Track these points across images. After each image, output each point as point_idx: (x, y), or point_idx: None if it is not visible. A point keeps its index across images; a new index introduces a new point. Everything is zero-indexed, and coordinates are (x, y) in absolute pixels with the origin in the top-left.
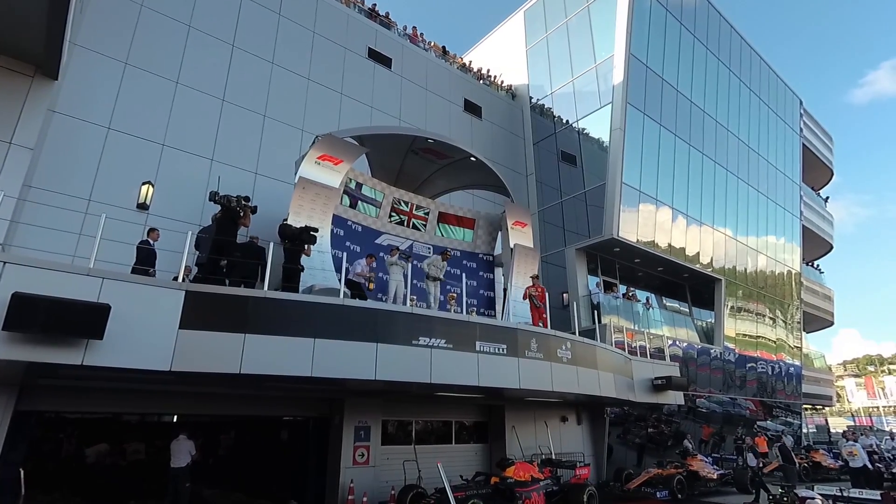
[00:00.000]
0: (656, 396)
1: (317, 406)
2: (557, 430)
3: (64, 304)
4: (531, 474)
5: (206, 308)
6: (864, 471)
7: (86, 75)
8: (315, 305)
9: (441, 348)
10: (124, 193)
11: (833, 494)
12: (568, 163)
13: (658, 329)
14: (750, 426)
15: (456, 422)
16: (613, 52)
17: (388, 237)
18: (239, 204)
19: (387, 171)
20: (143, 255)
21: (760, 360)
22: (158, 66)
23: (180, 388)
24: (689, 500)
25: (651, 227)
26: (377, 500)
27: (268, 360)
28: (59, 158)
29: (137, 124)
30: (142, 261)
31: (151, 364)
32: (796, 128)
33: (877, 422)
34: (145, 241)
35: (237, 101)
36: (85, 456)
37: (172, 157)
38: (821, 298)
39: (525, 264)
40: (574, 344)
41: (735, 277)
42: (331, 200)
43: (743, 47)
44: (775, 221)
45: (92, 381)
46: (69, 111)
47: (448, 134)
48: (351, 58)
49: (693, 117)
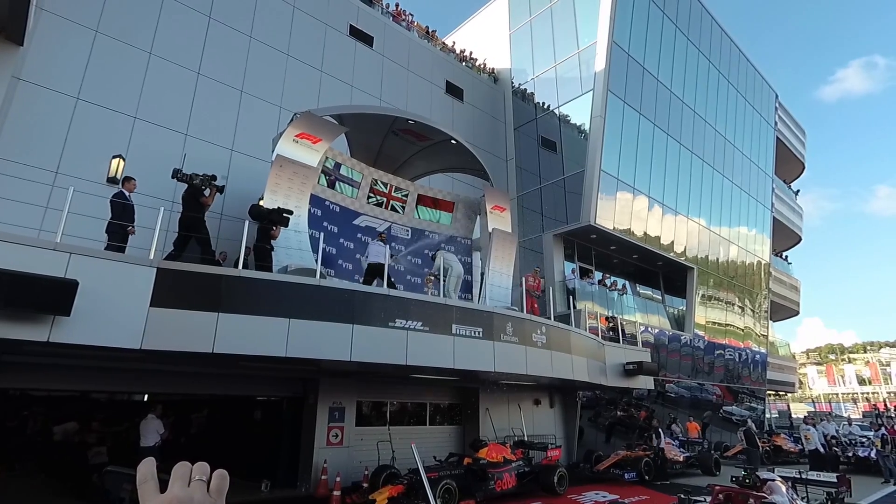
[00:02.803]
0: (628, 381)
1: (291, 386)
2: (530, 412)
3: (29, 279)
4: (504, 455)
5: (179, 286)
6: (817, 453)
7: (53, 42)
8: (290, 285)
9: (417, 331)
10: (94, 166)
11: (792, 476)
12: (548, 149)
13: (631, 315)
14: (716, 410)
15: (430, 404)
16: (596, 39)
17: (367, 218)
18: (203, 182)
19: (366, 152)
20: (118, 210)
21: (728, 348)
22: (131, 36)
23: (151, 366)
24: (656, 481)
25: (628, 215)
26: (350, 480)
27: (242, 340)
28: (25, 128)
29: (108, 95)
30: (118, 215)
31: (121, 342)
32: (771, 121)
33: (835, 408)
34: (120, 192)
35: (213, 75)
36: (51, 433)
37: (145, 130)
38: (788, 288)
39: (503, 249)
40: (549, 329)
41: (707, 266)
42: (308, 179)
43: (723, 39)
44: (748, 212)
45: (59, 358)
46: (35, 79)
47: (429, 115)
48: (332, 34)
49: (672, 107)
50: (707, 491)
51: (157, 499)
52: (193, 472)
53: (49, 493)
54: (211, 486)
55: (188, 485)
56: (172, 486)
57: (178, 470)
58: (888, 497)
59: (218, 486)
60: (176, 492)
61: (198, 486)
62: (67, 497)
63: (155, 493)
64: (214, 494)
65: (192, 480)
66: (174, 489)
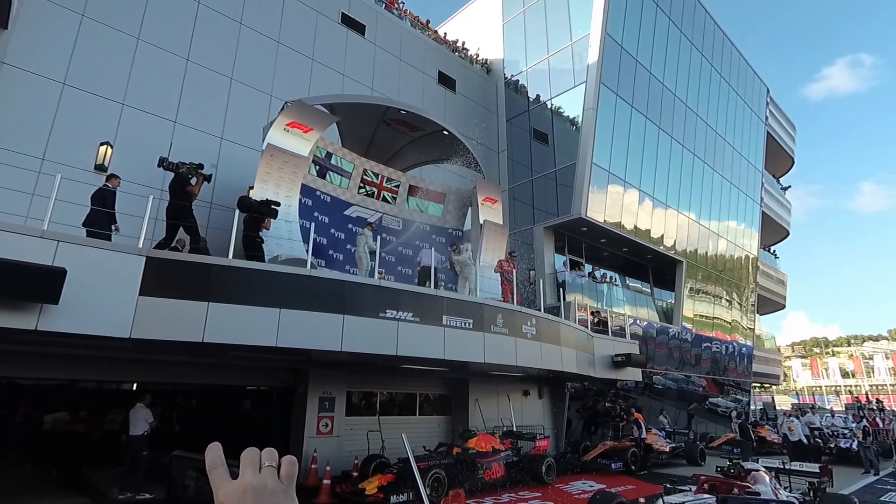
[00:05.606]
0: (616, 372)
1: (281, 376)
2: (519, 403)
3: (16, 267)
4: (492, 445)
5: (168, 275)
6: (800, 444)
7: (39, 26)
8: (281, 275)
9: (408, 321)
10: (81, 154)
11: (776, 467)
12: (540, 141)
13: (620, 308)
14: (702, 402)
15: (420, 394)
16: (590, 31)
17: (358, 209)
18: (190, 170)
19: (357, 142)
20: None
21: (715, 340)
22: (118, 21)
23: (140, 355)
24: (641, 471)
25: (618, 208)
26: (340, 469)
27: (232, 329)
28: (9, 113)
29: (95, 81)
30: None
31: (110, 331)
32: (762, 115)
33: (819, 400)
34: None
35: (202, 62)
36: (39, 422)
37: (133, 117)
38: (775, 283)
39: (494, 241)
40: (539, 320)
41: (696, 260)
42: (299, 169)
43: (716, 32)
44: (737, 207)
45: (47, 346)
46: (20, 63)
47: (421, 106)
48: (323, 22)
49: (664, 100)
50: (692, 480)
51: (230, 485)
52: (263, 458)
53: (36, 483)
54: (282, 473)
55: (259, 471)
56: (244, 473)
57: (248, 456)
58: (868, 487)
59: (288, 473)
60: (249, 479)
61: (269, 472)
62: (56, 486)
63: (227, 480)
64: (286, 481)
65: (262, 467)
66: (247, 476)
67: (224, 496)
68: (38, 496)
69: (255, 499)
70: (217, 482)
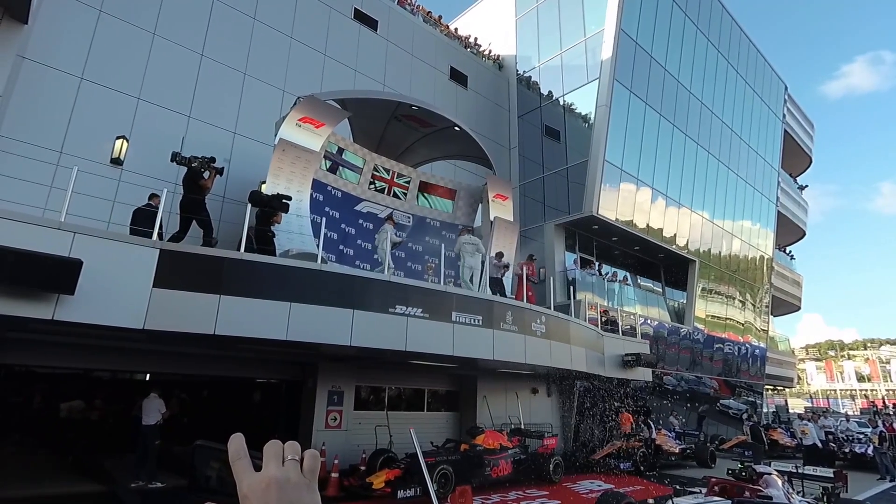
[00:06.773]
0: (626, 372)
1: (290, 369)
2: (528, 401)
3: (34, 258)
4: (500, 443)
5: (181, 267)
6: (814, 448)
7: (58, 21)
8: (292, 270)
9: (417, 317)
10: (97, 147)
11: (789, 471)
12: (551, 137)
13: (631, 307)
14: (713, 404)
15: (428, 390)
16: (604, 27)
17: (368, 204)
18: (202, 165)
19: (369, 137)
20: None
21: (728, 342)
22: (134, 16)
23: (153, 346)
24: (650, 472)
25: (630, 206)
26: (348, 462)
27: (243, 322)
28: (29, 107)
29: (112, 75)
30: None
31: (124, 322)
32: (780, 113)
33: (833, 404)
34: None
35: (217, 57)
36: (54, 410)
37: (148, 111)
38: (790, 284)
39: (504, 237)
40: (548, 318)
41: (709, 260)
42: (311, 164)
43: (733, 28)
44: (752, 206)
45: (63, 336)
46: (40, 58)
47: (433, 102)
48: (336, 18)
49: (679, 97)
50: (703, 483)
51: (253, 477)
52: (286, 451)
53: (51, 468)
54: (304, 466)
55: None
56: (268, 466)
57: (271, 448)
58: (884, 493)
59: (311, 467)
60: (273, 471)
61: (292, 465)
62: (69, 473)
63: (250, 471)
64: (308, 475)
65: (285, 460)
66: (270, 468)
67: (248, 488)
68: (52, 481)
69: (279, 492)
70: (240, 474)
